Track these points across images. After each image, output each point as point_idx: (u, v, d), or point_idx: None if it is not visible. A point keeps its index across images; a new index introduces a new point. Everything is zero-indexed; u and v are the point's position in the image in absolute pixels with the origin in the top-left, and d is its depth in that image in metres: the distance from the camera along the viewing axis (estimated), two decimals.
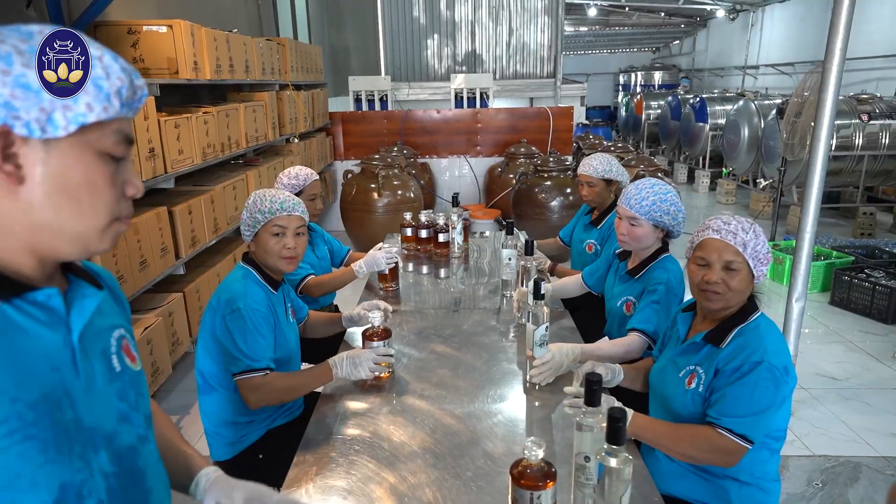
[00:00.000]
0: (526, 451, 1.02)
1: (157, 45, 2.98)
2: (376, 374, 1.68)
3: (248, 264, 1.77)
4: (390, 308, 2.07)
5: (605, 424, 1.04)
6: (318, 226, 2.69)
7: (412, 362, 1.85)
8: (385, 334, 1.73)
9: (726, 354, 1.42)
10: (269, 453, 1.78)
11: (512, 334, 2.05)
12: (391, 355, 1.73)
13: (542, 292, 1.68)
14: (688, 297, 1.64)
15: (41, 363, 0.72)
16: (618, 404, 1.31)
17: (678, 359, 1.54)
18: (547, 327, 1.67)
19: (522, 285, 2.10)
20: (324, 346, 2.22)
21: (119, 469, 0.80)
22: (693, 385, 1.46)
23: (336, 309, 2.72)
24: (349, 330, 2.10)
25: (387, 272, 2.44)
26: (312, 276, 2.41)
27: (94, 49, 0.71)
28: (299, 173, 2.47)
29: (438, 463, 1.35)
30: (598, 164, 2.62)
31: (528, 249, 2.17)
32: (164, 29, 2.95)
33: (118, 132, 0.73)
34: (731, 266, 1.42)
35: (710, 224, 1.46)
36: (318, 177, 2.52)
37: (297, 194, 2.39)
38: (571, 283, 2.37)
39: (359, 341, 1.83)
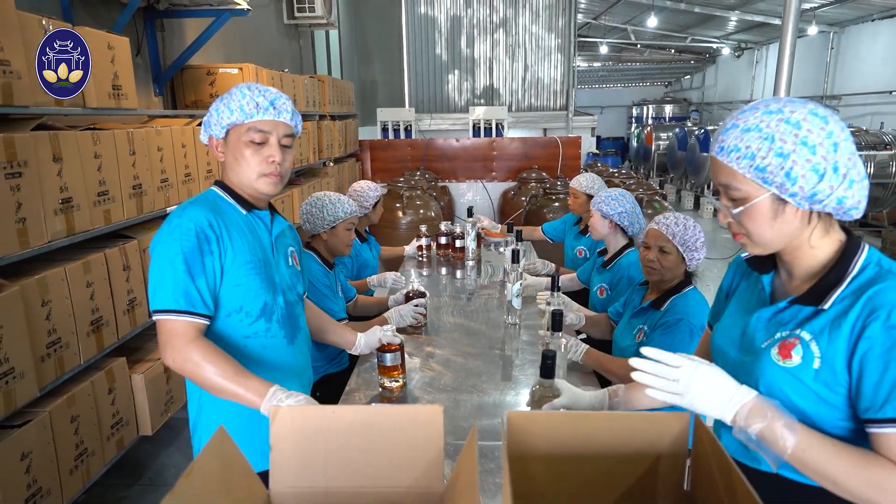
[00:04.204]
0: (382, 336, 1.89)
1: (229, 83, 3.65)
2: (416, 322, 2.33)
3: (311, 251, 2.37)
4: (426, 302, 2.45)
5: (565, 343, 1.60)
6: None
7: (433, 328, 2.42)
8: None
9: (661, 314, 1.95)
10: (324, 392, 2.34)
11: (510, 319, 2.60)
12: (424, 315, 2.35)
13: (559, 286, 2.23)
14: None
15: (260, 244, 1.49)
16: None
17: (632, 320, 2.09)
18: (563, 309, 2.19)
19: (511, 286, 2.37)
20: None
21: (286, 308, 1.56)
22: (640, 339, 2.00)
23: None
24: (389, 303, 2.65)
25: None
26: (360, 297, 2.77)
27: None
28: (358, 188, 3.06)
29: (452, 390, 1.92)
30: (584, 181, 3.17)
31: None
32: (235, 71, 3.63)
33: (251, 129, 1.39)
34: (664, 249, 1.95)
35: (656, 219, 2.01)
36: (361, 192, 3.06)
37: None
38: (568, 282, 2.94)
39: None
